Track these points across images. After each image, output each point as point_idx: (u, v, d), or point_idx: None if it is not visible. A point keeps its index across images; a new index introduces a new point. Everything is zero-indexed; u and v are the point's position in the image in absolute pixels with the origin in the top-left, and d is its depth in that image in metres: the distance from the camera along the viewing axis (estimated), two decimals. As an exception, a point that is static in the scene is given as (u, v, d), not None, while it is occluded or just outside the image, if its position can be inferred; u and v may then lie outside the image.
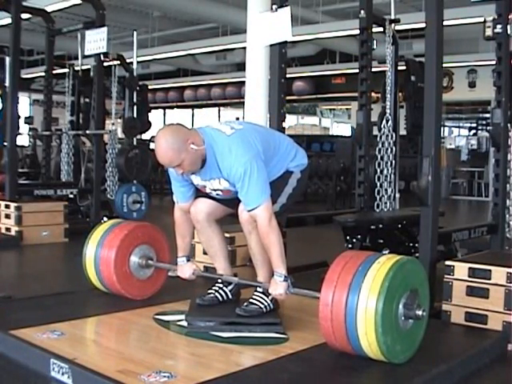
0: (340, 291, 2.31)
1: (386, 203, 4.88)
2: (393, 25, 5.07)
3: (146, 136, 12.17)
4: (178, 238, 3.04)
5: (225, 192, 2.80)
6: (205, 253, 3.98)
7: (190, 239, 3.08)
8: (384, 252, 3.83)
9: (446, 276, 3.01)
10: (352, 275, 2.33)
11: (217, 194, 2.85)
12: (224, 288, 3.01)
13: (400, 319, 2.35)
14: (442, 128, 4.05)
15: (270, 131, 3.17)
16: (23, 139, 11.60)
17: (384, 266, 2.32)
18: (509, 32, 4.06)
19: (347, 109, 18.68)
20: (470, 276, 2.95)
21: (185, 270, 3.05)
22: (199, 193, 2.94)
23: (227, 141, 2.67)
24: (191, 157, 2.63)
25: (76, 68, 8.15)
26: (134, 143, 7.70)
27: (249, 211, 2.67)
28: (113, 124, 7.83)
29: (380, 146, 4.84)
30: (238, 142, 2.66)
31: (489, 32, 4.09)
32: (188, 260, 3.06)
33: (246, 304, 2.83)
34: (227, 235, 3.62)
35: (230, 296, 3.01)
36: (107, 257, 3.14)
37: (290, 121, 19.33)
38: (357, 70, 4.68)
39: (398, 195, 5.08)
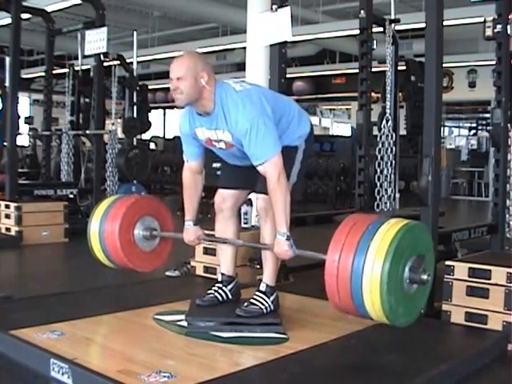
0: (347, 249, 2.30)
1: (386, 203, 4.88)
2: (393, 25, 5.07)
3: (145, 136, 12.19)
4: (185, 201, 3.02)
5: (228, 145, 2.76)
6: (205, 253, 4.00)
7: (198, 202, 3.05)
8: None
9: (446, 276, 3.01)
10: (360, 235, 2.32)
11: (220, 148, 2.82)
12: (224, 288, 3.01)
13: (405, 282, 2.34)
14: (441, 128, 4.05)
15: (278, 95, 3.14)
16: (23, 139, 11.59)
17: (393, 227, 2.32)
18: (509, 32, 4.06)
19: (347, 109, 18.70)
20: (469, 276, 2.95)
21: (190, 233, 3.02)
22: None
23: (236, 96, 2.68)
24: (193, 85, 2.64)
25: (76, 68, 8.15)
26: (134, 143, 7.70)
27: (257, 166, 2.67)
28: (113, 124, 7.83)
29: (380, 145, 4.84)
30: (246, 99, 2.67)
31: (489, 32, 4.09)
32: (195, 224, 3.03)
33: (246, 304, 2.82)
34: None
35: (230, 296, 3.01)
36: (111, 230, 3.07)
37: (290, 121, 19.26)
38: (357, 70, 4.67)
39: (397, 195, 5.09)
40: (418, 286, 2.39)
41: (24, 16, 6.88)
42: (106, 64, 7.16)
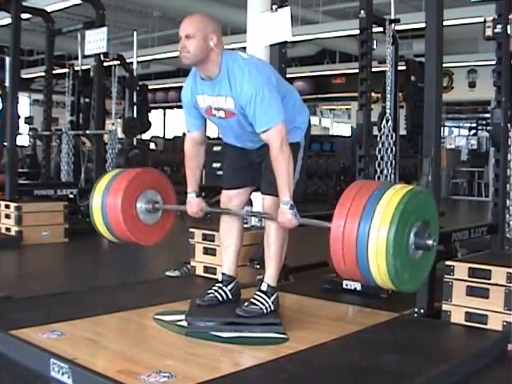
0: (353, 214, 2.31)
1: (386, 203, 4.87)
2: (393, 25, 5.06)
3: (145, 136, 12.18)
4: (187, 172, 3.01)
5: (228, 114, 2.75)
6: (205, 253, 4.00)
7: (200, 173, 3.05)
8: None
9: (445, 276, 3.01)
10: (365, 200, 2.33)
11: (219, 118, 2.80)
12: (224, 288, 3.01)
13: (410, 247, 2.35)
14: (441, 128, 4.05)
15: (282, 79, 3.15)
16: (23, 139, 11.60)
17: (399, 193, 2.33)
18: (509, 32, 4.05)
19: (347, 109, 18.70)
20: (469, 276, 2.95)
21: (193, 205, 3.00)
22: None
23: (243, 62, 2.69)
24: (201, 44, 2.65)
25: (76, 68, 8.15)
26: (134, 143, 7.70)
27: (260, 133, 2.67)
28: (113, 124, 7.83)
29: (380, 145, 4.84)
30: (252, 66, 2.68)
31: (489, 32, 4.09)
32: (197, 196, 3.01)
33: (246, 304, 2.82)
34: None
35: (230, 296, 3.00)
36: (114, 204, 3.05)
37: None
38: (357, 70, 4.67)
39: (398, 195, 5.07)
40: (423, 253, 2.41)
41: (24, 16, 6.88)
42: (106, 64, 7.17)
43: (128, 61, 7.94)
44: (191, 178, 3.01)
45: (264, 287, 2.87)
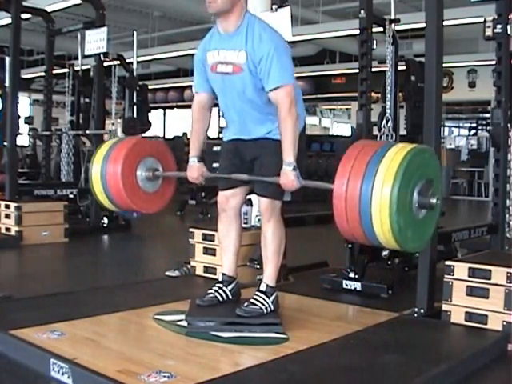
0: (356, 172, 2.31)
1: (386, 203, 4.87)
2: (393, 25, 5.06)
3: (146, 136, 12.17)
4: (192, 136, 3.02)
5: (235, 68, 2.75)
6: (205, 253, 4.00)
7: (204, 138, 3.04)
8: (384, 253, 3.84)
9: (445, 276, 3.01)
10: (368, 158, 2.32)
11: (224, 74, 2.80)
12: (224, 288, 3.01)
13: (414, 206, 2.35)
14: (441, 128, 4.05)
15: None
16: (23, 139, 11.59)
17: (402, 150, 2.33)
18: (509, 32, 4.06)
19: (347, 109, 18.68)
20: (469, 276, 2.95)
21: (194, 170, 3.00)
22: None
23: (264, 23, 2.79)
24: None
25: (76, 68, 8.15)
26: (134, 143, 7.69)
27: (270, 91, 2.68)
28: (113, 124, 7.82)
29: (380, 145, 4.83)
30: (273, 30, 2.78)
31: (489, 32, 4.09)
32: (199, 161, 3.01)
33: (246, 304, 2.82)
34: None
35: (230, 296, 3.00)
36: (114, 171, 3.04)
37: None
38: (357, 70, 4.67)
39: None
40: (427, 213, 2.40)
41: (24, 16, 6.89)
42: (106, 64, 7.16)
43: (128, 61, 7.94)
44: (195, 141, 3.01)
45: (263, 287, 2.87)
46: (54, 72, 7.84)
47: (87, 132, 7.15)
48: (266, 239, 2.88)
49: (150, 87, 9.36)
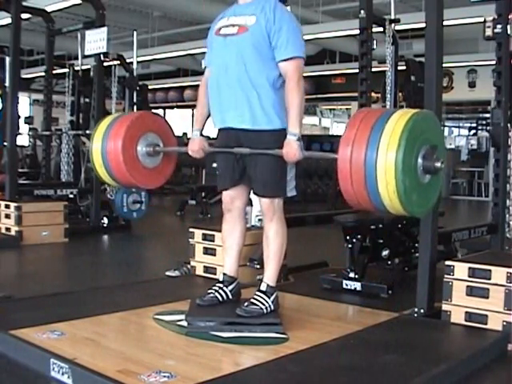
0: (361, 134, 2.32)
1: (386, 203, 4.87)
2: (393, 25, 5.07)
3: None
4: (197, 110, 3.06)
5: (240, 29, 2.77)
6: (205, 253, 4.00)
7: (207, 112, 3.05)
8: (384, 253, 3.84)
9: (445, 276, 3.01)
10: (372, 124, 2.34)
11: (227, 35, 2.80)
12: (224, 288, 3.00)
13: (419, 169, 2.37)
14: (442, 128, 4.05)
15: None
16: (23, 139, 11.60)
17: (405, 115, 2.35)
18: (509, 32, 4.06)
19: (347, 109, 18.66)
20: (469, 276, 2.95)
21: (195, 143, 3.02)
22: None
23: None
24: None
25: (76, 68, 8.15)
26: (134, 143, 7.69)
27: (282, 60, 2.71)
28: (113, 124, 7.82)
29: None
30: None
31: (489, 32, 4.10)
32: (201, 135, 3.04)
33: (246, 304, 2.82)
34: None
35: (231, 296, 3.00)
36: (114, 146, 3.03)
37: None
38: (357, 70, 4.67)
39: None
40: (431, 178, 2.42)
41: (24, 16, 6.89)
42: (106, 64, 7.16)
43: (128, 61, 7.94)
44: (199, 116, 3.06)
45: (263, 287, 2.87)
46: (54, 72, 7.83)
47: (87, 132, 7.14)
48: (268, 239, 2.89)
49: (150, 87, 9.38)
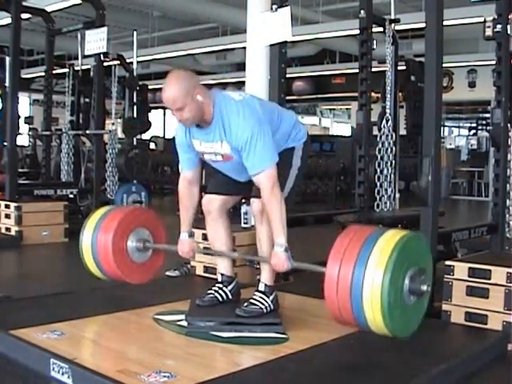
0: (347, 262, 2.28)
1: (385, 203, 4.89)
2: (393, 25, 5.07)
3: (146, 136, 12.18)
4: (181, 212, 2.98)
5: (225, 157, 2.76)
6: (205, 253, 3.99)
7: (194, 213, 3.01)
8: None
9: (445, 276, 3.01)
10: (359, 247, 2.29)
11: (216, 161, 2.82)
12: (224, 288, 3.01)
13: (405, 294, 2.32)
14: (442, 128, 4.05)
15: (273, 105, 3.17)
16: (23, 139, 11.60)
17: (392, 239, 2.30)
18: (509, 32, 4.06)
19: (347, 109, 18.70)
20: (470, 276, 2.95)
21: (185, 245, 2.99)
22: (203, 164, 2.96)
23: (236, 105, 2.68)
24: (194, 106, 2.62)
25: (76, 68, 8.15)
26: (134, 143, 7.70)
27: (253, 176, 2.67)
28: (113, 124, 7.83)
29: (380, 145, 4.85)
30: (246, 108, 2.67)
31: (489, 32, 4.10)
32: (190, 236, 2.99)
33: (246, 304, 2.82)
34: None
35: (230, 296, 3.00)
36: (105, 242, 3.03)
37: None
38: (357, 70, 4.68)
39: (397, 195, 5.09)
40: (416, 301, 2.38)
41: (24, 16, 6.89)
42: (106, 64, 7.16)
43: (128, 61, 7.94)
44: (184, 217, 2.98)
45: (261, 287, 2.88)
46: (54, 72, 7.83)
47: (87, 132, 7.15)
48: (260, 241, 2.88)
49: (150, 87, 9.36)
